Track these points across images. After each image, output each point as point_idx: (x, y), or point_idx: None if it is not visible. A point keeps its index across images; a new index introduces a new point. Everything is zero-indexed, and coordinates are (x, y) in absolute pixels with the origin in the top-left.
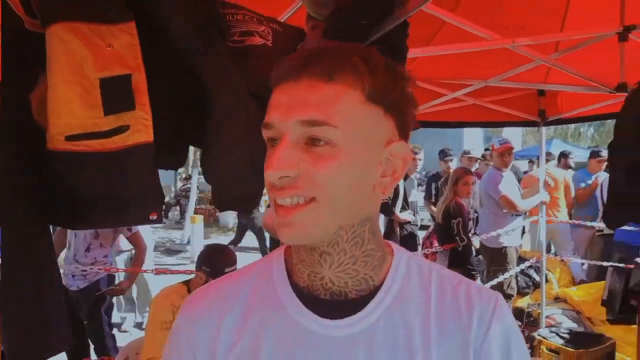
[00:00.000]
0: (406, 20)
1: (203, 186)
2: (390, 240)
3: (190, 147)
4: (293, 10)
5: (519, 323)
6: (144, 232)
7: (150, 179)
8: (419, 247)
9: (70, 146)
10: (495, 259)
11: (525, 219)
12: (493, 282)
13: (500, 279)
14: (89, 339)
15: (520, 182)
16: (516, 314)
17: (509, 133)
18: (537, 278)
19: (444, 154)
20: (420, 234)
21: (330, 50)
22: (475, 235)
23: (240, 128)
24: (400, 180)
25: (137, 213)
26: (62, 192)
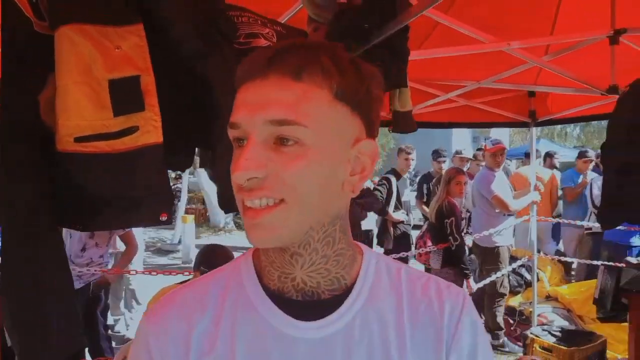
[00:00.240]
0: (407, 24)
1: (193, 186)
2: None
3: None
4: (293, 12)
5: (511, 321)
6: (135, 232)
7: (160, 179)
8: (412, 247)
9: (80, 147)
10: (488, 258)
11: (516, 218)
12: (486, 281)
13: (493, 277)
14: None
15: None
16: (508, 312)
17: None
18: (529, 277)
19: (437, 155)
20: (413, 234)
21: (297, 48)
22: (468, 235)
23: None
24: (369, 178)
25: (148, 214)
26: (72, 194)
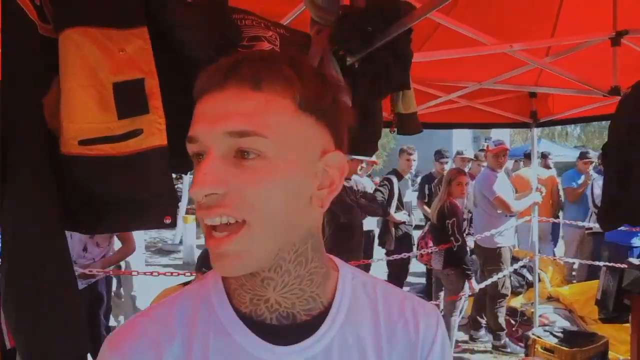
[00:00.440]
0: (411, 26)
1: None
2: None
3: None
4: (296, 14)
5: (512, 322)
6: (135, 233)
7: (164, 182)
8: (414, 247)
9: (84, 150)
10: (489, 258)
11: (517, 219)
12: (487, 282)
13: (495, 278)
14: None
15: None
16: (510, 313)
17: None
18: (530, 278)
19: (440, 155)
20: (415, 234)
21: (256, 58)
22: (469, 235)
23: None
24: (338, 191)
25: (152, 217)
26: (76, 197)
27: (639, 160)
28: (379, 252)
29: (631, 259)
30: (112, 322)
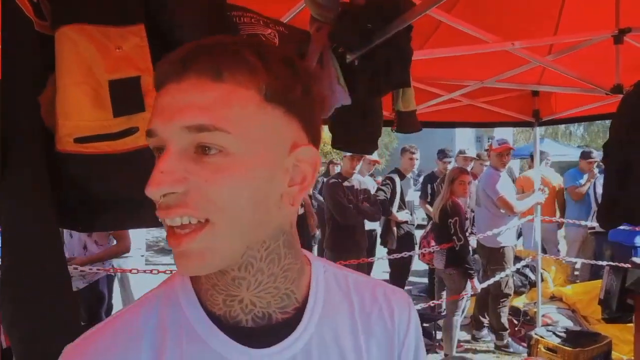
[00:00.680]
0: (411, 23)
1: None
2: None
3: None
4: (296, 11)
5: (515, 322)
6: (137, 233)
7: None
8: (416, 247)
9: (79, 148)
10: (493, 258)
11: (519, 218)
12: (490, 282)
13: (497, 278)
14: None
15: (514, 183)
16: (513, 313)
17: (500, 133)
18: (533, 277)
19: (443, 155)
20: (417, 233)
21: (217, 45)
22: (472, 235)
23: None
24: (311, 188)
25: (148, 216)
26: (72, 195)
27: (638, 159)
28: (381, 251)
29: (634, 259)
30: None
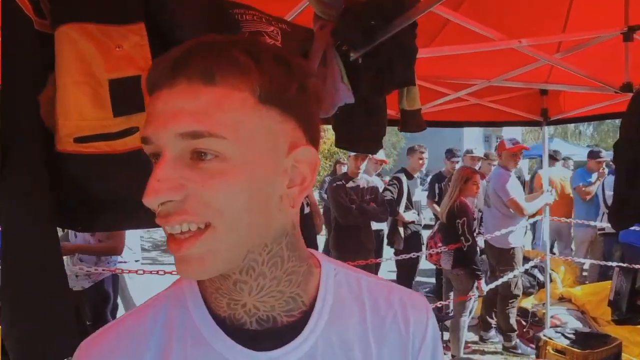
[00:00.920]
0: (415, 21)
1: None
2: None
3: None
4: (300, 9)
5: (524, 323)
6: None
7: None
8: (423, 247)
9: (79, 148)
10: (503, 259)
11: (527, 219)
12: (498, 282)
13: (505, 279)
14: None
15: (533, 182)
16: (521, 313)
17: (508, 132)
18: (541, 278)
19: (451, 154)
20: (424, 233)
21: (206, 46)
22: (479, 235)
23: None
24: (311, 188)
25: (147, 217)
26: (72, 195)
27: None
28: (387, 252)
29: None
30: None
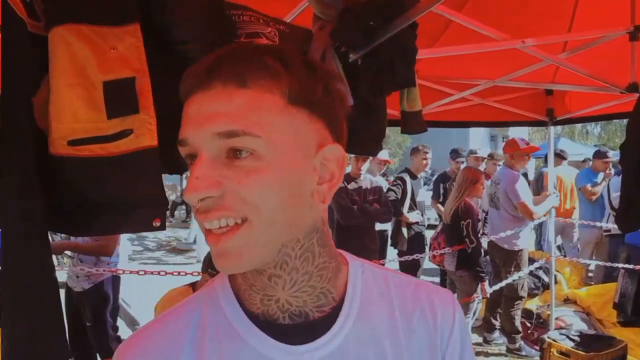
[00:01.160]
0: (415, 21)
1: None
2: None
3: None
4: (299, 10)
5: (528, 324)
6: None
7: (155, 184)
8: (426, 248)
9: (73, 151)
10: (510, 260)
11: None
12: (502, 284)
13: (510, 280)
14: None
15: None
16: (525, 315)
17: (515, 131)
18: (546, 279)
19: (456, 154)
20: (428, 234)
21: (238, 53)
22: (483, 236)
23: None
24: (339, 185)
25: (141, 220)
26: (64, 199)
27: None
28: (391, 252)
29: None
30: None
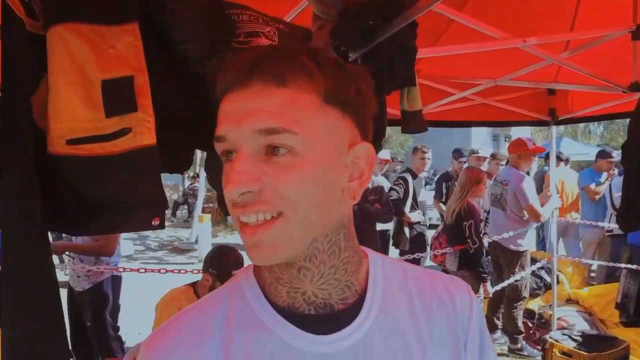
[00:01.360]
0: (415, 20)
1: None
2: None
3: None
4: (299, 10)
5: (530, 324)
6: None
7: (154, 183)
8: (428, 248)
9: (72, 150)
10: (515, 261)
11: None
12: (504, 284)
13: (511, 280)
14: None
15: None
16: (527, 315)
17: (517, 131)
18: (548, 279)
19: (459, 154)
20: (429, 234)
21: (277, 53)
22: (485, 236)
23: None
24: (368, 182)
25: (140, 219)
26: (64, 197)
27: None
28: (393, 253)
29: None
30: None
